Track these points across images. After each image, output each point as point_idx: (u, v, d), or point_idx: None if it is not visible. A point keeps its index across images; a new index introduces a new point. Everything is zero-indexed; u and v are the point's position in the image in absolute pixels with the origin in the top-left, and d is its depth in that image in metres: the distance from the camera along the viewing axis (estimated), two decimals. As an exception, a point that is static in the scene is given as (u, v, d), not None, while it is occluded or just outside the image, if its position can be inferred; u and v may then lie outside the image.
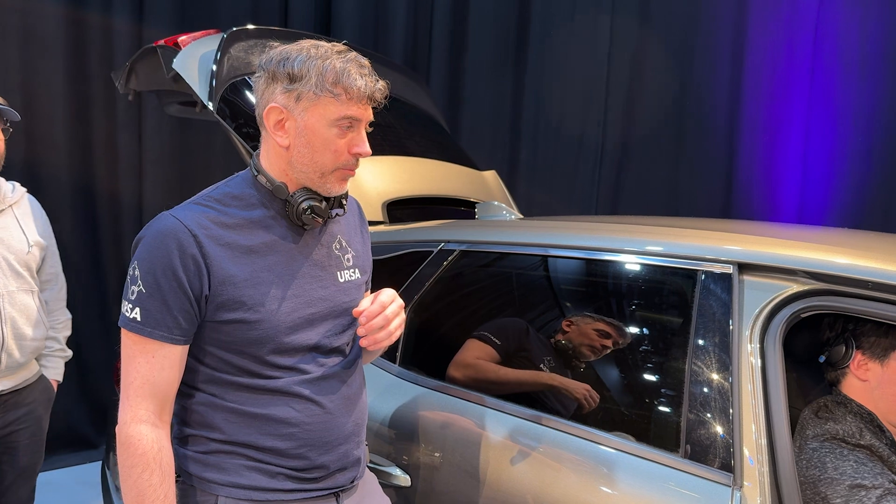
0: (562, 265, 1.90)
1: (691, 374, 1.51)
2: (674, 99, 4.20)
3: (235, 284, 1.28)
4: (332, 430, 1.38)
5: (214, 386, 1.33)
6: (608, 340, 1.73)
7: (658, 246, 1.70)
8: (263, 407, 1.32)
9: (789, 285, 1.48)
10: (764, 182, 4.03)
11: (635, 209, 4.30)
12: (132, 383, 1.27)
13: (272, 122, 1.31)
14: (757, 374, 1.44)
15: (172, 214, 1.28)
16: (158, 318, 1.25)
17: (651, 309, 1.72)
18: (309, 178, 1.33)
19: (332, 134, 1.29)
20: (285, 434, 1.33)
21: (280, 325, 1.31)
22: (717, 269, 1.56)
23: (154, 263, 1.24)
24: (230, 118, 2.22)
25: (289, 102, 1.29)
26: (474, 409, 1.75)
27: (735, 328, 1.49)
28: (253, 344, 1.30)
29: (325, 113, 1.28)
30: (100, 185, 3.82)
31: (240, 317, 1.28)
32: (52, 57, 3.56)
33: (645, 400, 1.63)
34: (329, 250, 1.42)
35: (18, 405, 2.20)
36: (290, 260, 1.35)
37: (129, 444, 1.25)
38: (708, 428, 1.44)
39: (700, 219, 2.17)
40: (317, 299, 1.37)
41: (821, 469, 1.48)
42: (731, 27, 4.02)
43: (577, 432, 1.59)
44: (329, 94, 1.26)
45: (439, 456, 1.73)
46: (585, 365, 1.75)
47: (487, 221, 2.33)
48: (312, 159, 1.31)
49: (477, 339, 1.86)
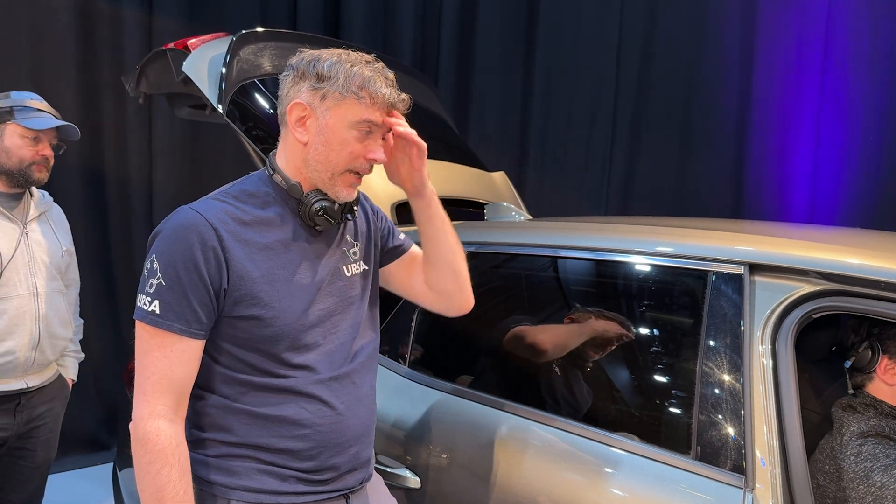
0: (571, 266, 1.89)
1: (702, 375, 1.50)
2: (683, 99, 4.19)
3: (252, 280, 1.29)
4: (344, 431, 1.38)
5: (228, 387, 1.33)
6: (614, 335, 1.72)
7: (668, 247, 1.70)
8: (277, 408, 1.33)
9: (801, 286, 1.47)
10: (775, 181, 4.01)
11: (645, 209, 4.29)
12: (149, 378, 1.26)
13: (294, 118, 1.34)
14: (769, 375, 1.43)
15: (193, 208, 1.29)
16: (178, 311, 1.25)
17: (662, 310, 1.71)
18: (321, 177, 1.35)
19: (351, 136, 1.32)
20: (298, 435, 1.33)
21: (295, 322, 1.32)
22: (727, 269, 1.56)
23: (175, 256, 1.25)
24: (240, 120, 2.22)
25: (313, 100, 1.32)
26: (483, 410, 1.75)
27: (746, 329, 1.48)
28: (268, 341, 1.31)
29: (347, 114, 1.31)
30: (110, 188, 3.84)
31: (256, 313, 1.29)
32: (63, 59, 3.58)
33: (656, 401, 1.63)
34: (339, 246, 1.44)
35: (42, 402, 2.28)
36: (303, 258, 1.36)
37: (147, 441, 1.23)
38: (719, 429, 1.43)
39: (710, 219, 2.16)
40: (328, 295, 1.39)
41: (873, 460, 1.50)
42: (740, 27, 4.01)
43: (587, 434, 1.58)
44: (354, 96, 1.30)
45: (448, 457, 1.73)
46: (595, 366, 1.74)
47: (496, 223, 2.33)
48: (328, 157, 1.33)
49: None
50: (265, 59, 2.35)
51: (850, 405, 1.63)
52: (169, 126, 3.86)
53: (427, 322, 1.99)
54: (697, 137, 4.17)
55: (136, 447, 1.25)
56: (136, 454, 1.25)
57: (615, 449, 1.53)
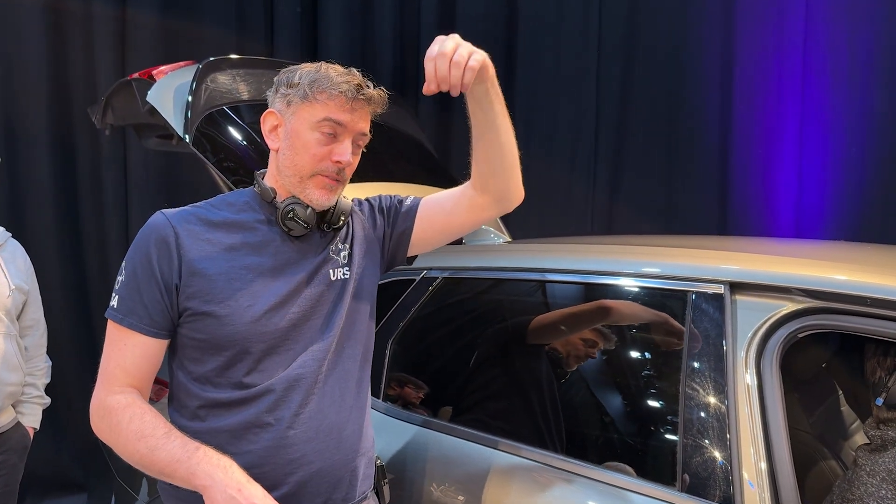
0: (547, 289, 1.84)
1: (686, 399, 1.44)
2: (665, 115, 4.18)
3: (208, 278, 1.29)
4: (290, 454, 1.31)
5: (192, 401, 1.32)
6: (593, 348, 1.67)
7: (647, 267, 1.64)
8: (230, 421, 1.29)
9: (783, 304, 1.42)
10: (759, 195, 3.99)
11: (630, 226, 4.25)
12: (105, 368, 1.29)
13: (267, 127, 1.37)
14: (754, 396, 1.38)
15: (161, 212, 1.34)
16: (131, 307, 1.28)
17: (642, 332, 1.65)
18: (292, 182, 1.35)
19: (314, 138, 1.32)
20: (244, 451, 1.28)
21: (254, 323, 1.29)
22: (708, 289, 1.50)
23: (135, 255, 1.30)
24: (207, 150, 2.17)
25: (283, 108, 1.35)
26: (464, 446, 1.68)
27: (729, 350, 1.43)
28: (227, 342, 1.28)
29: (308, 116, 1.32)
30: (85, 223, 3.77)
31: (211, 310, 1.28)
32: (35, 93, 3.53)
33: (638, 429, 1.57)
34: (325, 250, 1.41)
35: None
36: (276, 262, 1.34)
37: (108, 409, 1.25)
38: (705, 456, 1.37)
39: (691, 236, 2.12)
40: (304, 298, 1.35)
41: None
42: (719, 41, 4.01)
43: (566, 466, 1.52)
44: (313, 98, 1.32)
45: (430, 498, 1.66)
46: (575, 393, 1.68)
47: (472, 247, 2.27)
48: (293, 161, 1.34)
49: None
50: (233, 87, 2.30)
51: (882, 444, 1.50)
52: (143, 157, 3.80)
53: (402, 353, 1.92)
54: (681, 152, 4.15)
55: (99, 423, 1.26)
56: (104, 423, 1.26)
57: (597, 482, 1.46)
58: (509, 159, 1.44)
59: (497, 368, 1.80)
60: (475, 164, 1.44)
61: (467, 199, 1.48)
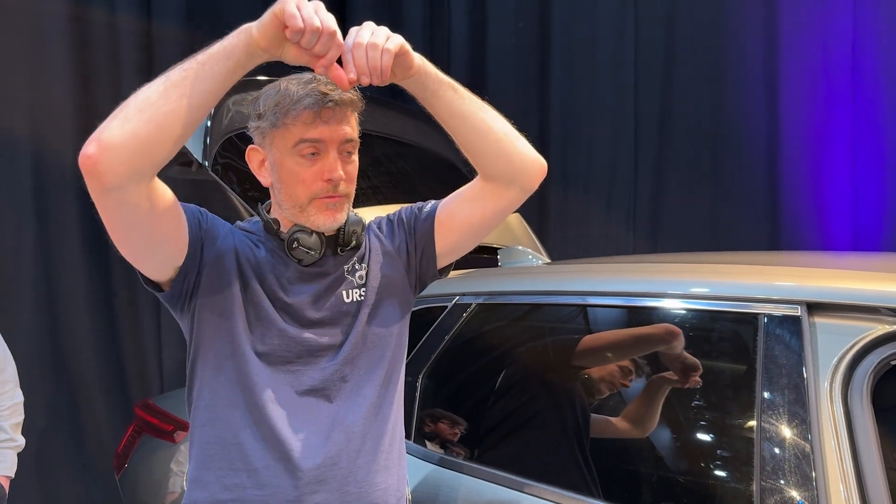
0: (596, 315, 1.68)
1: (761, 436, 1.27)
2: (708, 130, 4.06)
3: (226, 270, 1.25)
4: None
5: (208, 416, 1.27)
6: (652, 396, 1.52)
7: (709, 287, 1.49)
8: (234, 435, 1.24)
9: (872, 326, 1.25)
10: (812, 209, 3.82)
11: (675, 247, 4.09)
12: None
13: (255, 165, 1.32)
14: (842, 432, 1.22)
15: None
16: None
17: (708, 360, 1.48)
18: (293, 213, 1.29)
19: (297, 164, 1.24)
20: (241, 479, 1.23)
21: (251, 345, 1.25)
22: (780, 311, 1.33)
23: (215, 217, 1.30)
24: (227, 176, 2.08)
25: (261, 141, 1.29)
26: (499, 491, 1.51)
27: (811, 380, 1.26)
28: (228, 332, 1.25)
29: (283, 144, 1.25)
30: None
31: (217, 286, 1.25)
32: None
33: (708, 468, 1.39)
34: (340, 272, 1.33)
35: None
36: (286, 291, 1.29)
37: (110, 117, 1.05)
38: (785, 497, 1.20)
39: (754, 252, 1.94)
40: (312, 321, 1.29)
41: None
42: (762, 51, 3.88)
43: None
44: (281, 124, 1.23)
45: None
46: (631, 431, 1.51)
47: (509, 269, 2.12)
48: (288, 194, 1.27)
49: None
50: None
51: None
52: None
53: (433, 388, 1.77)
54: (726, 169, 4.01)
55: (110, 120, 1.05)
56: (116, 121, 1.04)
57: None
58: (491, 138, 1.30)
59: (546, 405, 1.64)
60: (463, 153, 1.34)
61: (479, 190, 1.36)
